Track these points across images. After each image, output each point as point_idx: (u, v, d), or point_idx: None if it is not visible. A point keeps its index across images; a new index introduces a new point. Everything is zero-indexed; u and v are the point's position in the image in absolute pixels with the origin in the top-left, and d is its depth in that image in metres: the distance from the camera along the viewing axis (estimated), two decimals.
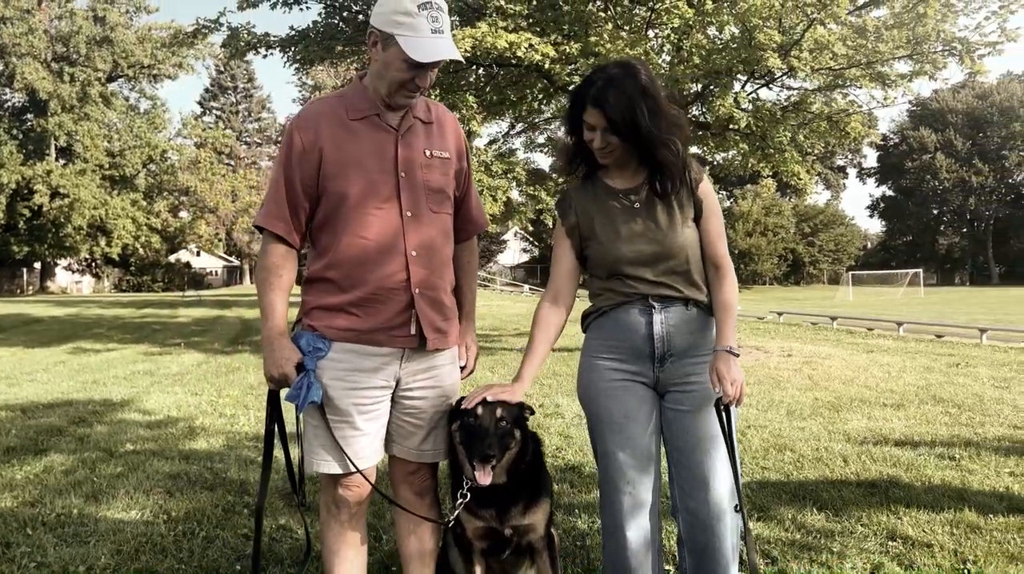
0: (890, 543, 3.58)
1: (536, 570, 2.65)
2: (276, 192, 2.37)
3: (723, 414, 2.34)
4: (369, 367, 2.38)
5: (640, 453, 2.41)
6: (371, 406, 2.40)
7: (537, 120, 21.76)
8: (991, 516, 3.87)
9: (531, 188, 25.35)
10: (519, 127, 25.17)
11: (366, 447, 2.41)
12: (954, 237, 75.29)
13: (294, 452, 2.52)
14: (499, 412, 2.36)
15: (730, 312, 2.41)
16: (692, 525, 2.42)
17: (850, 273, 54.36)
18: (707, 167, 14.04)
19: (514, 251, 72.19)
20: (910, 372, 9.49)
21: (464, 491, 2.41)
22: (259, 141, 69.81)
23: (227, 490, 4.44)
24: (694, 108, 10.95)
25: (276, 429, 2.51)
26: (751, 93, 10.43)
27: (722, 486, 2.37)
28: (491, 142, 27.38)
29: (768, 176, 12.49)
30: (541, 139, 25.63)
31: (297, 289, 2.47)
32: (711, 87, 9.91)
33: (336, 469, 2.39)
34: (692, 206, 2.45)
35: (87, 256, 53.13)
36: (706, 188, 2.46)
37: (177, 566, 3.33)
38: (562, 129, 2.87)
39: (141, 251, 53.35)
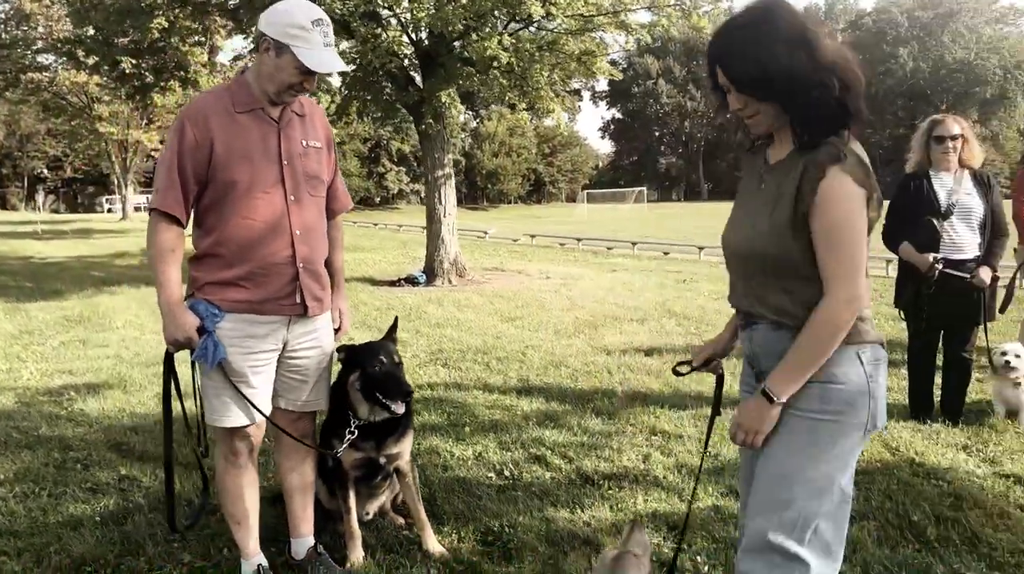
0: (653, 437, 4.56)
1: (402, 487, 3.21)
2: (170, 178, 2.59)
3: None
4: (261, 334, 2.72)
5: (744, 475, 2.22)
6: (263, 367, 2.76)
7: None
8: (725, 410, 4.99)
9: None
10: None
11: (261, 402, 2.78)
12: (672, 157, 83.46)
13: (184, 406, 2.82)
14: (395, 356, 2.85)
15: (800, 346, 1.87)
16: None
17: (585, 191, 58.72)
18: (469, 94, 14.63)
19: None
20: (648, 289, 11.05)
21: (352, 428, 2.89)
22: None
23: (48, 448, 4.45)
24: (458, 45, 11.40)
25: (173, 388, 2.78)
26: (513, 34, 11.10)
27: (752, 522, 2.01)
28: (236, 58, 25.78)
29: (524, 110, 13.38)
30: None
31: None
32: (476, 28, 10.43)
33: (237, 422, 2.74)
34: (802, 195, 1.85)
35: None
36: (828, 185, 1.81)
37: (35, 527, 3.44)
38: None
39: None
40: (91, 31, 17.72)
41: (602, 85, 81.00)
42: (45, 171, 58.61)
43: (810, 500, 1.95)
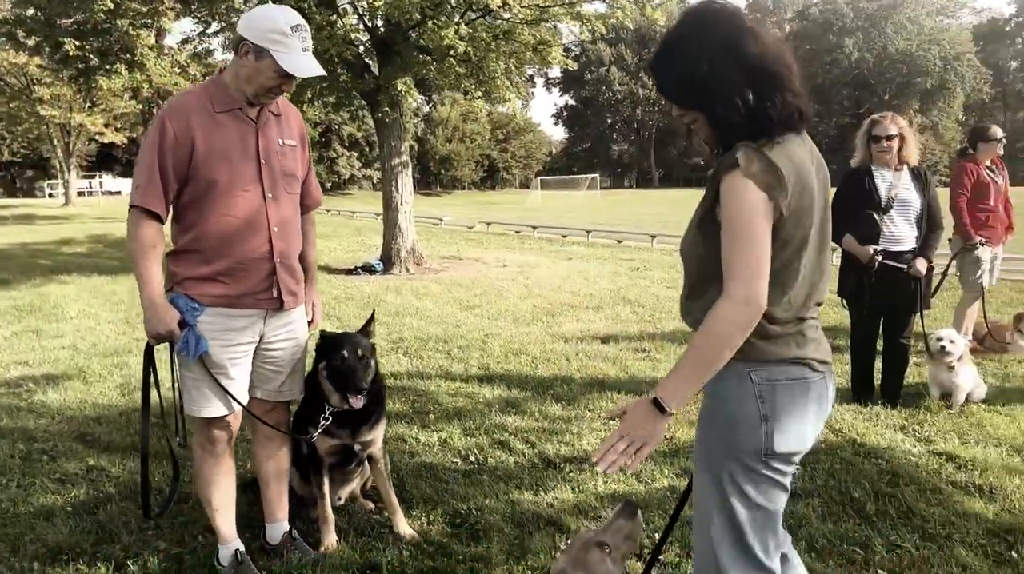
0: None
1: (374, 473, 3.34)
2: (151, 175, 2.65)
3: None
4: (239, 326, 2.81)
5: None
6: (240, 358, 2.85)
7: (236, 19, 20.46)
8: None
9: None
10: (216, 25, 23.57)
11: (239, 393, 2.87)
12: (624, 144, 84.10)
13: (158, 397, 2.89)
14: (360, 351, 2.96)
15: (691, 349, 1.79)
16: None
17: (539, 178, 58.88)
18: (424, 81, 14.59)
19: None
20: (603, 277, 11.27)
21: (327, 415, 3.00)
22: None
23: (13, 440, 4.45)
24: (415, 34, 11.42)
25: (153, 379, 2.85)
26: (470, 23, 11.16)
27: (698, 560, 2.01)
28: (184, 41, 25.26)
29: (478, 97, 13.45)
30: None
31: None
32: (433, 16, 10.46)
33: (216, 412, 2.82)
34: (708, 198, 1.86)
35: None
36: (728, 188, 1.78)
37: (6, 517, 3.48)
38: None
39: None
40: (31, 11, 17.20)
41: (555, 72, 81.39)
42: None
43: (713, 539, 1.92)
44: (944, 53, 71.39)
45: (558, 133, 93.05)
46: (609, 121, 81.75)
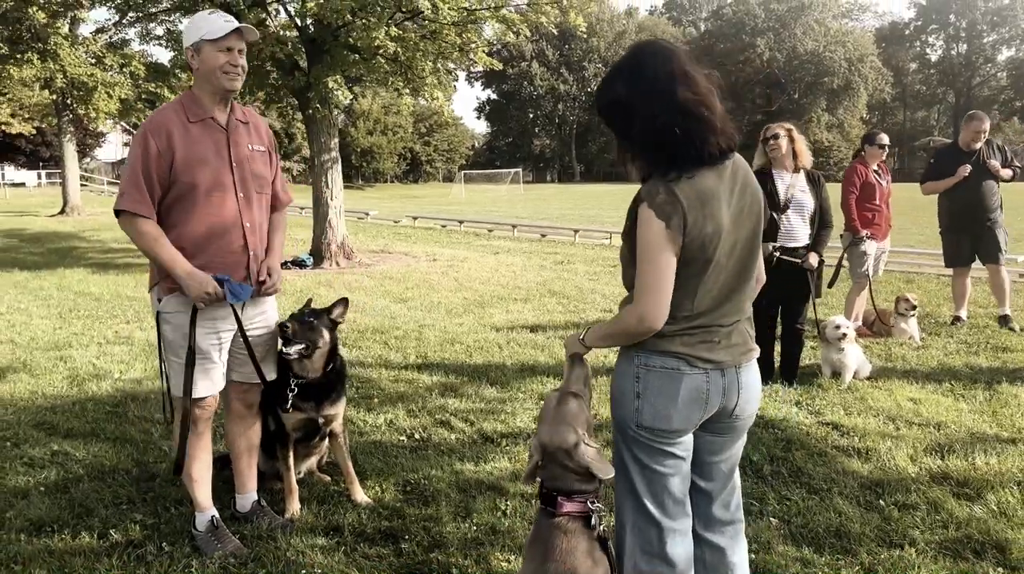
0: (541, 402, 5.20)
1: (334, 447, 3.72)
2: (137, 184, 2.96)
3: None
4: (221, 315, 3.14)
5: None
6: (223, 344, 3.18)
7: (154, 10, 20.07)
8: (600, 377, 5.73)
9: (152, 84, 23.59)
10: (132, 15, 23.06)
11: (220, 376, 3.20)
12: (546, 139, 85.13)
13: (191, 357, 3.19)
14: (307, 317, 3.40)
15: (611, 322, 2.27)
16: None
17: (462, 172, 59.19)
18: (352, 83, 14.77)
19: (115, 146, 65.20)
20: (530, 270, 11.77)
21: (292, 387, 3.37)
22: None
23: None
24: (344, 33, 11.65)
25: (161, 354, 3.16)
26: (399, 24, 11.46)
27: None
28: (99, 30, 24.54)
29: (406, 94, 13.74)
30: (160, 31, 23.87)
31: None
32: (364, 17, 10.72)
33: (198, 393, 3.14)
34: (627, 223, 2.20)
35: None
36: (639, 217, 2.10)
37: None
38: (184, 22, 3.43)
39: None
40: None
41: (477, 66, 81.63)
42: None
43: (616, 494, 2.38)
44: (849, 55, 74.86)
45: (481, 127, 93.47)
46: (531, 116, 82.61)
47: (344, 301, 3.65)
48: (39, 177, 52.85)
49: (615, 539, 2.42)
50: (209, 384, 3.16)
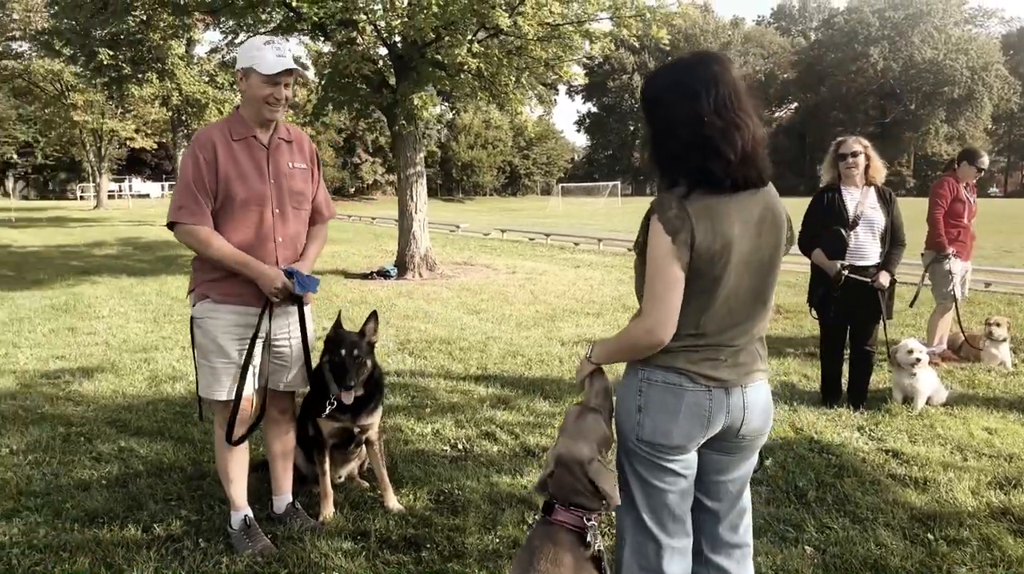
0: None
1: (370, 454, 3.83)
2: (193, 195, 3.13)
3: None
4: (248, 322, 3.29)
5: None
6: (253, 352, 3.33)
7: (263, 30, 21.09)
8: None
9: None
10: (243, 36, 24.27)
11: (247, 381, 3.33)
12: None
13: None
14: (355, 352, 3.44)
15: (617, 337, 2.27)
16: None
17: (560, 185, 59.40)
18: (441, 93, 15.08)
19: None
20: (607, 285, 11.70)
21: (332, 400, 3.48)
22: None
23: (53, 424, 4.98)
24: (430, 51, 11.94)
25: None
26: (482, 41, 11.67)
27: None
28: (213, 50, 26.01)
29: (492, 106, 13.96)
30: None
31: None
32: (447, 36, 10.97)
33: (224, 396, 3.28)
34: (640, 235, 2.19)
35: None
36: (649, 229, 2.11)
37: (49, 488, 3.99)
38: (290, 39, 3.51)
39: None
40: (68, 22, 17.97)
41: (578, 79, 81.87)
42: (15, 157, 58.11)
43: (619, 508, 2.32)
44: (972, 63, 71.01)
45: (580, 140, 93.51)
46: (631, 128, 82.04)
47: (374, 316, 3.72)
48: (162, 188, 56.41)
49: (615, 555, 2.41)
50: (234, 386, 3.29)
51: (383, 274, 12.68)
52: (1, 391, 5.77)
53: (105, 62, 18.74)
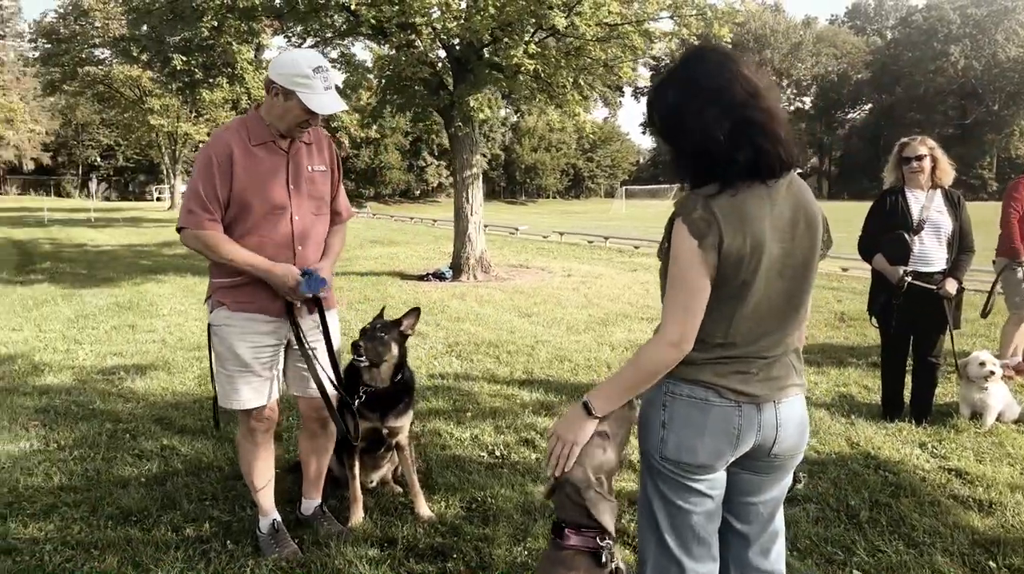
0: (635, 427, 5.02)
1: (400, 459, 3.77)
2: (201, 201, 3.06)
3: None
4: (265, 330, 3.22)
5: None
6: (268, 358, 3.26)
7: (329, 35, 21.42)
8: None
9: None
10: (310, 41, 24.67)
11: (266, 390, 3.27)
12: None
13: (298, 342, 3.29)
14: (377, 325, 3.47)
15: (625, 368, 2.04)
16: None
17: (624, 187, 58.83)
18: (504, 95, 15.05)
19: None
20: None
21: (360, 394, 3.44)
22: (1, 33, 61.72)
23: (101, 420, 5.07)
24: (488, 51, 11.91)
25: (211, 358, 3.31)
26: (539, 42, 11.57)
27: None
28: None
29: (549, 108, 13.86)
30: (335, 54, 25.41)
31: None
32: (504, 37, 10.92)
33: (242, 405, 3.23)
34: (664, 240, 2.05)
35: None
36: (673, 233, 1.97)
37: (90, 484, 4.05)
38: (356, 44, 3.26)
39: None
40: (144, 28, 18.57)
41: (644, 80, 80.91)
42: (98, 159, 60.67)
43: (639, 527, 2.22)
44: None
45: (646, 142, 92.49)
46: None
47: (415, 311, 3.67)
48: None
49: None
50: (253, 395, 3.23)
51: (438, 276, 12.69)
52: (58, 387, 5.92)
53: (178, 67, 19.31)
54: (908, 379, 5.36)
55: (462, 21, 10.52)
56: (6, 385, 5.96)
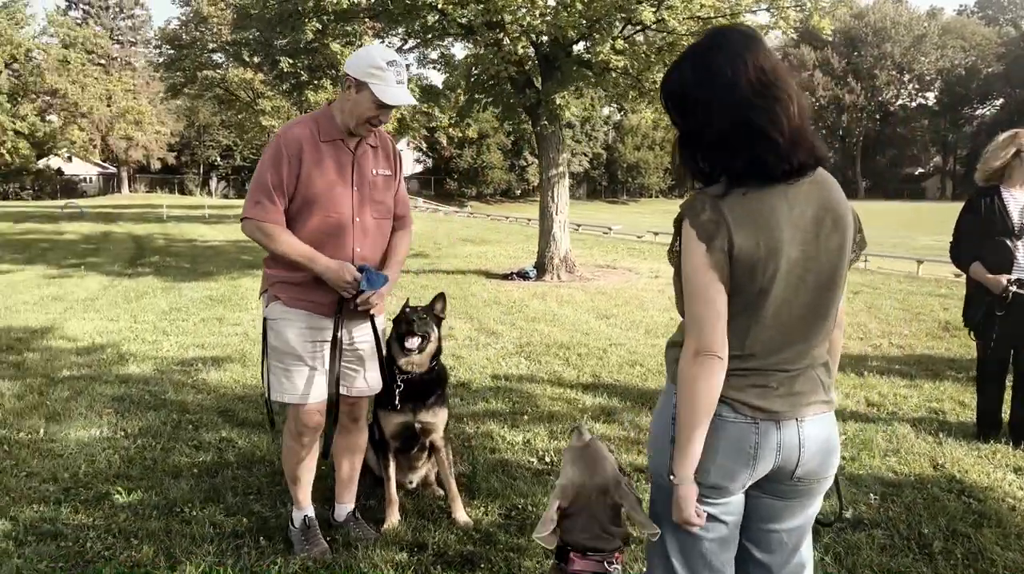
0: None
1: (436, 461, 3.69)
2: (267, 192, 3.06)
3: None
4: (320, 326, 3.21)
5: None
6: (321, 354, 3.23)
7: (429, 36, 21.69)
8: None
9: (425, 105, 25.60)
10: (411, 43, 25.04)
11: (319, 385, 3.25)
12: (827, 152, 79.57)
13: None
14: (418, 307, 3.44)
15: (677, 418, 1.86)
16: None
17: None
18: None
19: (406, 161, 71.87)
20: None
21: (398, 383, 3.40)
22: (133, 40, 65.84)
23: (170, 410, 5.23)
24: (577, 48, 11.74)
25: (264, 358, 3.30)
26: (628, 37, 11.32)
27: None
28: None
29: (646, 105, 13.56)
30: (435, 55, 25.73)
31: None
32: (593, 33, 10.73)
33: (294, 399, 3.22)
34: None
35: None
36: (682, 230, 1.85)
37: (145, 473, 4.17)
38: (456, 45, 3.19)
39: (7, 157, 50.37)
40: (252, 32, 19.29)
41: None
42: (218, 159, 63.88)
43: (648, 549, 2.11)
44: None
45: None
46: (812, 127, 77.74)
47: (441, 296, 3.63)
48: None
49: None
50: (308, 388, 3.21)
51: (522, 275, 12.61)
52: (138, 376, 6.16)
53: (285, 70, 19.98)
54: (1008, 397, 4.90)
55: (549, 18, 10.39)
56: (91, 373, 6.25)
